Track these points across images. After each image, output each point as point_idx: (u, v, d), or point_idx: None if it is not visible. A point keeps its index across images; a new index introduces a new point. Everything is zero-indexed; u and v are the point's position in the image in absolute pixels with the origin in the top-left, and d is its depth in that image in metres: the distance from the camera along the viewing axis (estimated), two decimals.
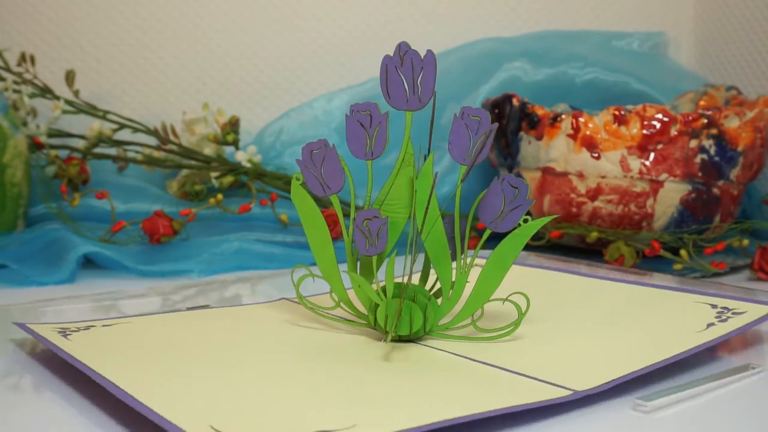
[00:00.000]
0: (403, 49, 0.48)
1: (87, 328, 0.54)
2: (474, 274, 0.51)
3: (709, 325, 0.50)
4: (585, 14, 1.14)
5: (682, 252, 0.76)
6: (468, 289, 0.51)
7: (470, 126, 0.47)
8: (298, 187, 0.51)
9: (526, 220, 0.48)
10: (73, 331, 0.53)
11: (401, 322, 0.48)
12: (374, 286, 0.50)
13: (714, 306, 0.54)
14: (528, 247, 0.86)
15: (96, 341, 0.50)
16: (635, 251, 0.78)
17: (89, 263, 0.79)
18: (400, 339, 0.49)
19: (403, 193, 0.50)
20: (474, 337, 0.49)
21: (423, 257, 0.51)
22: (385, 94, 0.48)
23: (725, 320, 0.51)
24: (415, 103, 0.48)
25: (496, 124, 0.48)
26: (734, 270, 0.79)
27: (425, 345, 0.49)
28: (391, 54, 0.48)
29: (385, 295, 0.49)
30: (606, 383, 0.42)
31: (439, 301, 0.51)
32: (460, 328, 0.50)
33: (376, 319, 0.49)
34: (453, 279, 0.50)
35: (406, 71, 0.48)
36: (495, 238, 0.50)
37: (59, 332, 0.52)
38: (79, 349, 0.49)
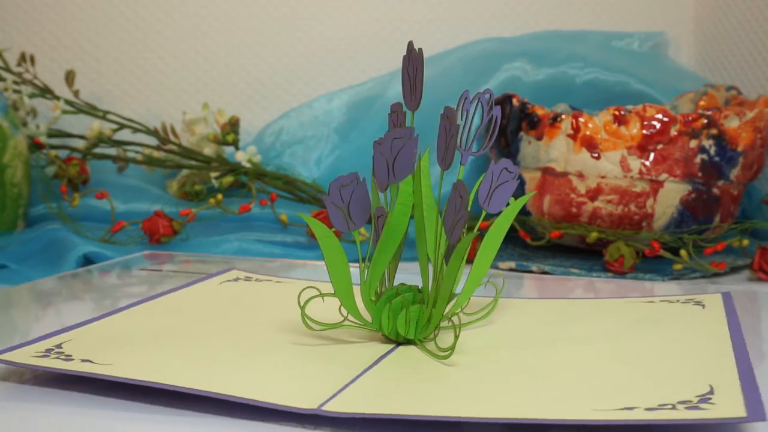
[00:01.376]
0: (408, 48, 0.47)
1: (236, 279, 0.62)
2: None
3: (648, 409, 0.36)
4: (585, 14, 1.14)
5: (682, 252, 0.76)
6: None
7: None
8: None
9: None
10: (220, 279, 0.62)
11: (382, 321, 0.48)
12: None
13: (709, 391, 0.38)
14: (530, 248, 0.86)
15: (206, 290, 0.59)
16: (635, 251, 0.78)
17: (89, 263, 0.79)
18: (389, 338, 0.49)
19: (407, 193, 0.50)
20: (431, 353, 0.47)
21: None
22: (402, 94, 0.48)
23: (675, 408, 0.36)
24: (414, 103, 0.48)
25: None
26: (734, 270, 0.79)
27: (395, 345, 0.49)
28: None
29: (378, 296, 0.49)
30: (362, 413, 0.37)
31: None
32: (428, 340, 0.49)
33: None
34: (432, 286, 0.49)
35: (411, 71, 0.48)
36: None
37: (214, 274, 0.63)
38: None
